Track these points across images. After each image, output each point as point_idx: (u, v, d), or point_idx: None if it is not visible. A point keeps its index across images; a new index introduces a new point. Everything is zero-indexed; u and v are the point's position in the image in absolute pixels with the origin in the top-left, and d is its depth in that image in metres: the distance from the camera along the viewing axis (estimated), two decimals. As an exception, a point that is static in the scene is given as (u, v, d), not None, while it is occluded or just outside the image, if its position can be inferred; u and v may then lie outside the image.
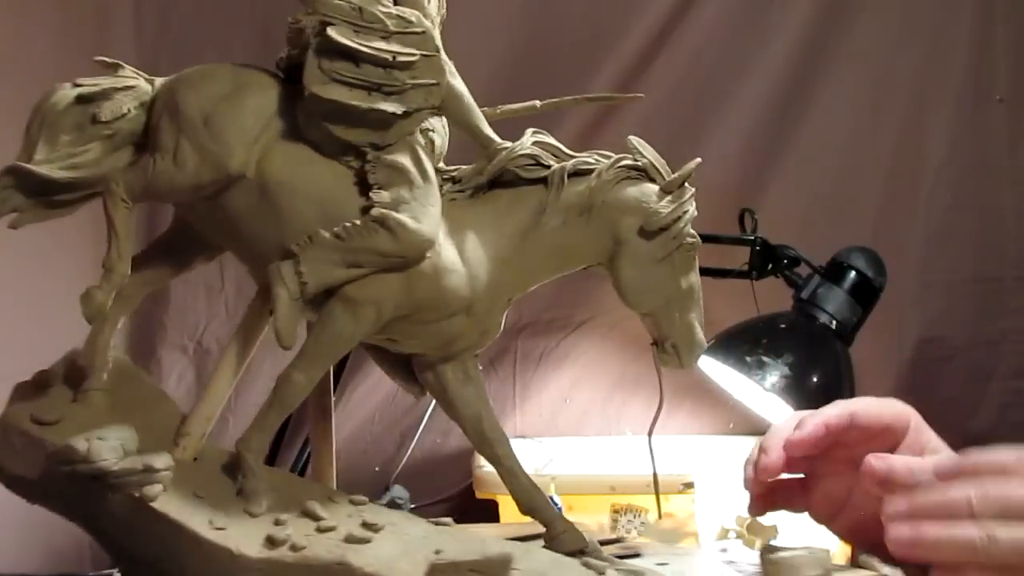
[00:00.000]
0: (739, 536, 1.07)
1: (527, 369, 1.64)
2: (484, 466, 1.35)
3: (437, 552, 0.59)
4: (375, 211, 0.61)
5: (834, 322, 1.25)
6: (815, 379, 1.22)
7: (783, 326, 1.28)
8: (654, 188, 0.66)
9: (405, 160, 0.63)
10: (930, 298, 1.66)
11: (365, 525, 0.60)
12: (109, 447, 0.58)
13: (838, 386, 1.24)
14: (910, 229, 1.67)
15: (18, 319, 1.21)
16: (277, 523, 0.60)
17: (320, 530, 0.60)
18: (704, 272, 1.34)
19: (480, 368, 0.71)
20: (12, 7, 1.28)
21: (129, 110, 0.63)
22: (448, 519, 0.66)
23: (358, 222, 0.61)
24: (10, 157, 0.63)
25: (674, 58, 1.64)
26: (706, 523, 1.29)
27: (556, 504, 1.17)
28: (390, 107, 0.61)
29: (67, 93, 0.63)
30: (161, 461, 0.59)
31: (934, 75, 1.65)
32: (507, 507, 1.26)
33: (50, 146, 0.61)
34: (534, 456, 1.37)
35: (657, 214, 0.65)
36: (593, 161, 0.66)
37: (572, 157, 0.66)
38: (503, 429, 0.69)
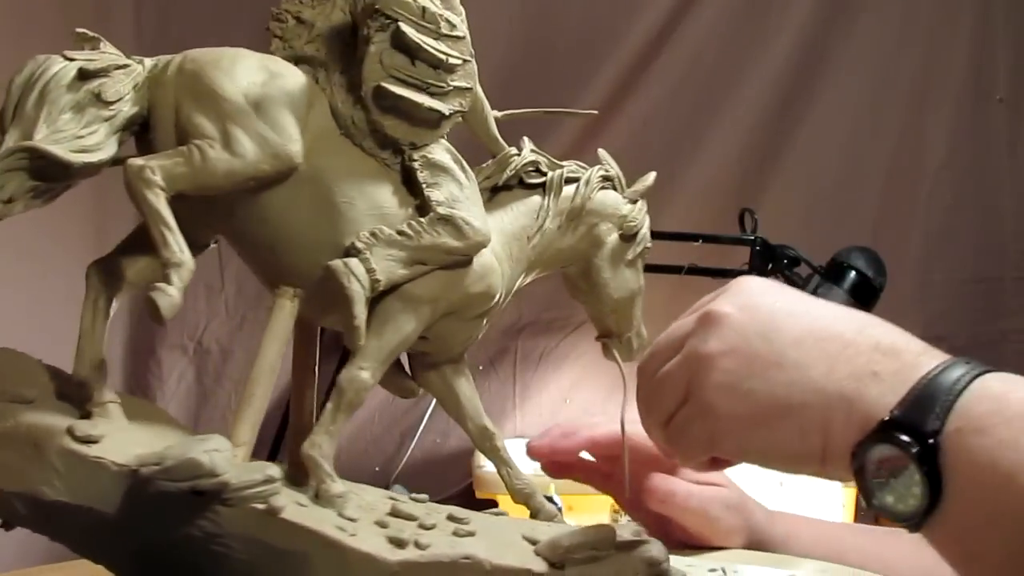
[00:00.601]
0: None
1: (527, 369, 1.64)
2: (484, 466, 1.35)
3: (528, 539, 0.59)
4: (442, 210, 0.62)
5: (834, 322, 1.25)
6: (815, 379, 1.22)
7: (783, 326, 1.28)
8: (619, 197, 0.72)
9: (447, 159, 0.64)
10: (930, 298, 1.66)
11: (453, 519, 0.59)
12: (224, 459, 0.53)
13: (838, 386, 1.24)
14: (910, 229, 1.67)
15: (18, 319, 1.21)
16: (381, 525, 0.56)
17: (423, 527, 0.57)
18: (704, 272, 1.36)
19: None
20: (12, 7, 1.28)
21: (129, 91, 0.59)
22: (502, 510, 0.67)
23: (423, 220, 0.62)
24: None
25: (674, 58, 1.64)
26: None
27: (556, 504, 1.17)
28: (443, 107, 0.62)
29: (68, 67, 0.58)
30: (275, 470, 0.55)
31: (934, 75, 1.65)
32: (506, 507, 1.26)
33: (50, 125, 0.56)
34: (534, 456, 1.37)
35: (634, 220, 0.72)
36: (576, 168, 0.71)
37: (559, 166, 0.70)
38: (502, 428, 0.71)
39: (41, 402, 0.58)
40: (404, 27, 0.60)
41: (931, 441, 0.47)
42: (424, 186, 0.63)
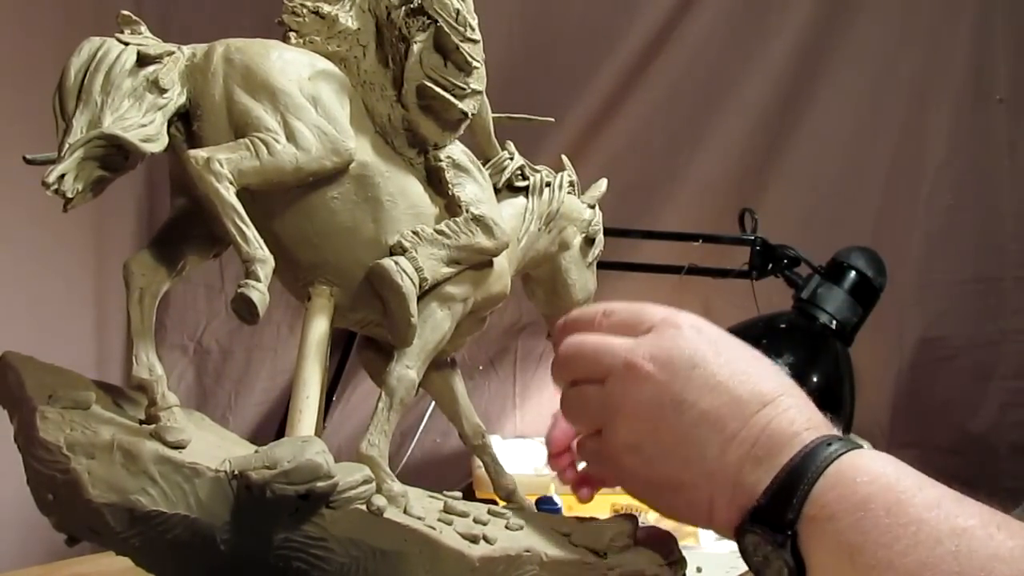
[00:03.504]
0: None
1: (527, 369, 1.64)
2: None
3: (557, 531, 0.61)
4: (474, 209, 0.63)
5: (834, 322, 1.25)
6: (815, 379, 1.22)
7: (783, 326, 1.28)
8: (580, 202, 0.75)
9: (466, 160, 0.66)
10: (930, 298, 1.66)
11: (495, 514, 0.60)
12: (333, 460, 0.52)
13: (838, 386, 1.24)
14: (910, 229, 1.67)
15: (18, 319, 1.21)
16: (445, 522, 0.57)
17: (479, 522, 0.58)
18: (704, 272, 1.36)
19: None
20: (13, 7, 1.28)
21: (177, 79, 0.57)
22: (521, 505, 0.69)
23: (458, 220, 0.63)
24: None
25: (674, 58, 1.64)
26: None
27: (557, 504, 1.17)
28: (469, 109, 0.63)
29: (129, 51, 0.56)
30: (368, 471, 0.55)
31: (934, 75, 1.65)
32: (507, 507, 1.26)
33: (113, 112, 0.54)
34: (534, 456, 1.37)
35: (596, 225, 0.75)
36: (548, 173, 0.73)
37: (537, 170, 0.72)
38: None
39: (103, 407, 0.55)
40: (447, 28, 0.61)
41: (790, 532, 0.52)
42: (450, 186, 0.64)
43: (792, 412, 0.56)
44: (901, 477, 0.51)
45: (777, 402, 0.56)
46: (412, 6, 0.61)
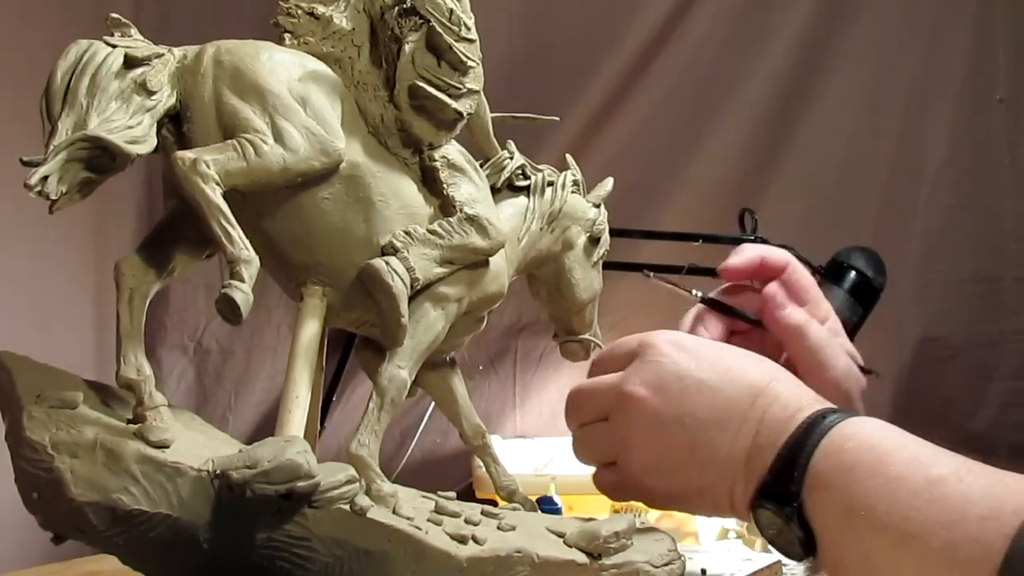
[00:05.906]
0: (739, 536, 1.08)
1: (527, 369, 1.64)
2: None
3: (552, 531, 0.61)
4: (468, 209, 0.63)
5: (834, 322, 1.25)
6: (815, 379, 1.22)
7: (783, 326, 1.27)
8: (585, 201, 0.75)
9: (462, 160, 0.66)
10: (930, 298, 1.65)
11: (488, 515, 0.60)
12: (315, 460, 0.52)
13: (838, 386, 1.24)
14: (910, 229, 1.67)
15: (18, 319, 1.21)
16: (435, 523, 0.57)
17: (470, 523, 0.58)
18: (704, 272, 1.35)
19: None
20: (13, 7, 1.28)
21: (167, 81, 0.58)
22: (523, 505, 0.69)
23: (452, 220, 0.63)
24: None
25: (674, 58, 1.64)
26: (706, 523, 1.29)
27: (556, 504, 1.17)
28: (464, 109, 0.63)
29: (116, 54, 0.56)
30: (352, 470, 0.55)
31: (934, 75, 1.65)
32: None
33: (100, 114, 0.54)
34: (534, 456, 1.37)
35: (601, 224, 0.75)
36: (552, 172, 0.73)
37: (539, 169, 0.72)
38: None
39: (91, 407, 0.55)
40: (439, 28, 0.61)
41: (795, 504, 0.55)
42: (445, 186, 0.64)
43: (784, 396, 0.59)
44: (884, 438, 0.54)
45: (768, 390, 0.59)
46: (405, 6, 0.61)
